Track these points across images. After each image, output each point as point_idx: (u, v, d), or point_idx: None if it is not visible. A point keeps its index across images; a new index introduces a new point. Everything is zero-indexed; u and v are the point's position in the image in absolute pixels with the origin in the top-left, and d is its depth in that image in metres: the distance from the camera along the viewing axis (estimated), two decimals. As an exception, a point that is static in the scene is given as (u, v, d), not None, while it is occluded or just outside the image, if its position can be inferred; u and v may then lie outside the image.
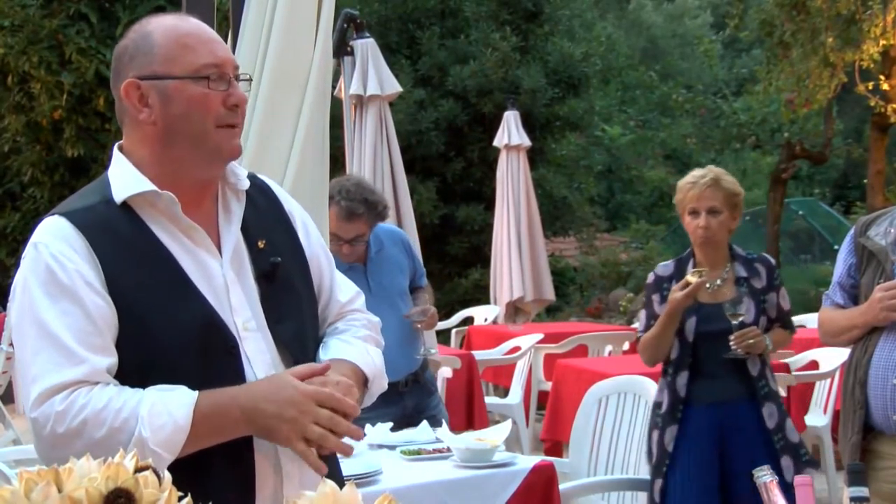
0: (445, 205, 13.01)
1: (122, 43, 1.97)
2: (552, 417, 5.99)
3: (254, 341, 1.95)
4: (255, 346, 1.95)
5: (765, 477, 1.68)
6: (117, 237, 1.88)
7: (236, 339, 1.92)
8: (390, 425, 3.76)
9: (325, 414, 1.84)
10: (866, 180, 13.42)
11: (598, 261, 15.98)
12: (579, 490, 3.88)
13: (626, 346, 7.82)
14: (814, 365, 6.16)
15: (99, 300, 1.83)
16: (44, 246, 1.85)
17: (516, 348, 7.38)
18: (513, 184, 9.15)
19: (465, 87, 13.01)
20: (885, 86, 11.67)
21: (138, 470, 1.29)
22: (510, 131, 9.19)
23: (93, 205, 1.91)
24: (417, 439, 3.62)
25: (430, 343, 4.92)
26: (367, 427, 3.67)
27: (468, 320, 9.89)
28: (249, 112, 2.98)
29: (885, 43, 11.22)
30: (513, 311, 9.03)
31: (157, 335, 1.84)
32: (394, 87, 6.33)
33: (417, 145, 12.65)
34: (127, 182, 1.92)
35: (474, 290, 12.49)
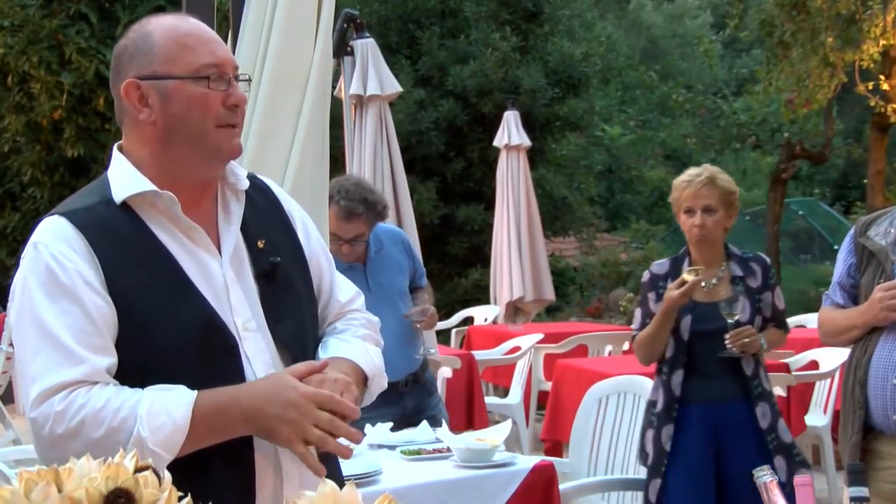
0: (445, 205, 13.01)
1: (122, 43, 1.97)
2: (552, 417, 5.99)
3: (254, 341, 1.95)
4: (254, 346, 1.95)
5: (765, 477, 1.68)
6: (117, 237, 1.88)
7: (236, 339, 1.92)
8: (390, 425, 3.75)
9: (325, 417, 1.84)
10: (866, 180, 13.42)
11: (598, 261, 15.98)
12: (579, 490, 3.88)
13: (626, 346, 7.80)
14: (814, 365, 6.15)
15: (99, 300, 1.83)
16: (43, 246, 1.85)
17: (516, 348, 7.37)
18: (513, 184, 9.15)
19: (465, 87, 13.01)
20: (885, 86, 11.67)
21: (138, 470, 1.29)
22: (510, 131, 9.18)
23: (92, 205, 1.91)
24: (417, 439, 3.62)
25: (429, 343, 4.91)
26: (367, 427, 3.67)
27: (468, 320, 9.88)
28: (249, 112, 2.98)
29: (885, 43, 11.22)
30: (513, 311, 9.03)
31: (157, 335, 1.84)
32: (394, 87, 6.33)
33: (417, 145, 12.64)
34: (126, 182, 1.92)
35: (474, 290, 12.48)
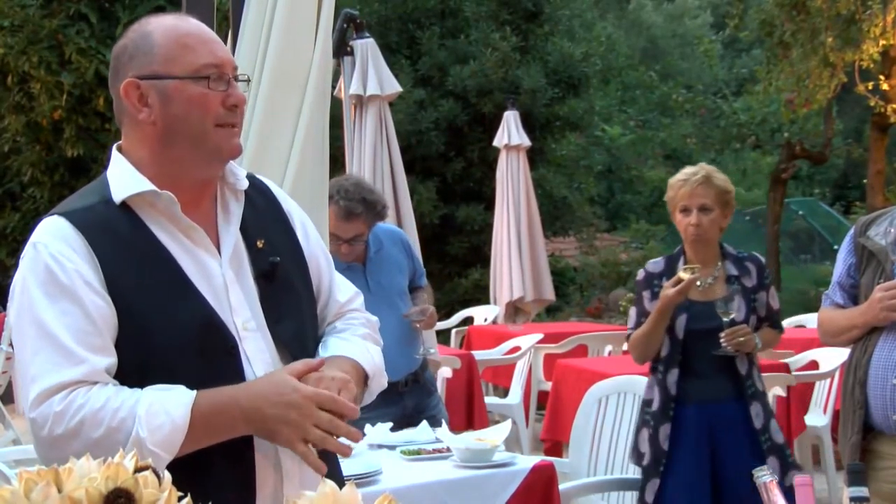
0: (445, 205, 13.00)
1: (122, 42, 1.97)
2: (552, 417, 5.99)
3: (253, 341, 1.95)
4: (254, 346, 1.95)
5: (765, 477, 1.68)
6: (116, 237, 1.88)
7: (236, 339, 1.92)
8: (390, 425, 3.75)
9: (326, 417, 1.85)
10: (866, 180, 13.42)
11: (598, 261, 15.98)
12: (579, 490, 3.87)
13: (626, 346, 7.80)
14: (814, 365, 6.15)
15: (98, 300, 1.82)
16: (43, 246, 1.85)
17: (516, 348, 7.37)
18: (513, 184, 9.14)
19: (465, 87, 13.01)
20: (885, 86, 11.67)
21: (138, 470, 1.29)
22: (510, 131, 9.18)
23: (92, 205, 1.91)
24: (417, 439, 3.62)
25: (429, 343, 4.91)
26: (367, 427, 3.67)
27: (468, 320, 9.88)
28: (249, 112, 2.98)
29: (884, 43, 11.21)
30: (513, 311, 9.03)
31: (157, 335, 1.84)
32: (394, 87, 6.33)
33: (417, 145, 12.64)
34: (126, 182, 1.92)
35: (474, 290, 12.48)
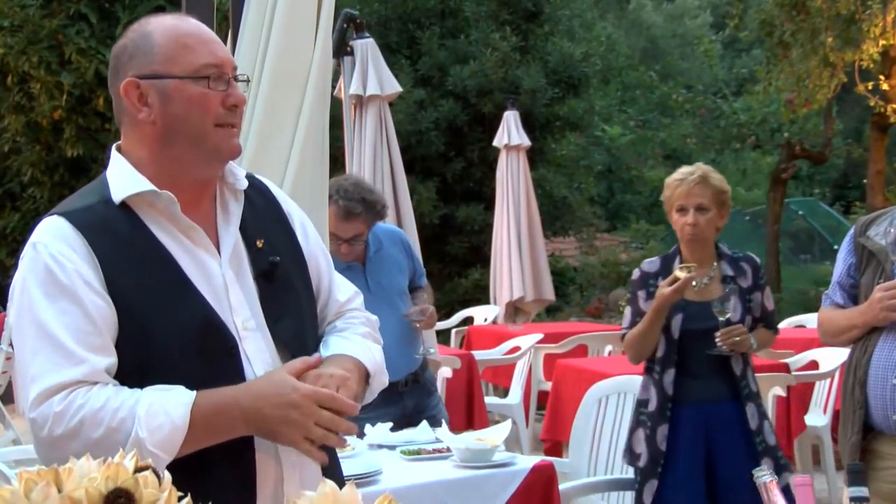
0: (445, 205, 13.01)
1: (121, 42, 1.97)
2: (552, 417, 5.99)
3: (253, 341, 1.95)
4: (254, 346, 1.95)
5: (764, 477, 1.68)
6: (116, 237, 1.88)
7: (236, 339, 1.92)
8: (390, 425, 3.75)
9: (327, 416, 1.85)
10: (866, 180, 13.42)
11: (598, 261, 15.98)
12: (579, 490, 3.87)
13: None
14: (814, 365, 6.15)
15: (98, 300, 1.82)
16: (43, 246, 1.85)
17: (516, 348, 7.37)
18: (513, 184, 9.14)
19: (465, 87, 13.01)
20: (885, 86, 11.67)
21: (138, 470, 1.29)
22: (510, 131, 9.18)
23: (92, 205, 1.91)
24: (417, 439, 3.62)
25: (429, 343, 4.91)
26: (367, 427, 3.67)
27: (468, 320, 9.88)
28: (249, 112, 2.98)
29: (884, 43, 11.22)
30: (513, 311, 9.03)
31: (157, 335, 1.84)
32: (394, 87, 6.33)
33: (417, 145, 12.64)
34: (125, 182, 1.92)
35: (474, 290, 12.48)
